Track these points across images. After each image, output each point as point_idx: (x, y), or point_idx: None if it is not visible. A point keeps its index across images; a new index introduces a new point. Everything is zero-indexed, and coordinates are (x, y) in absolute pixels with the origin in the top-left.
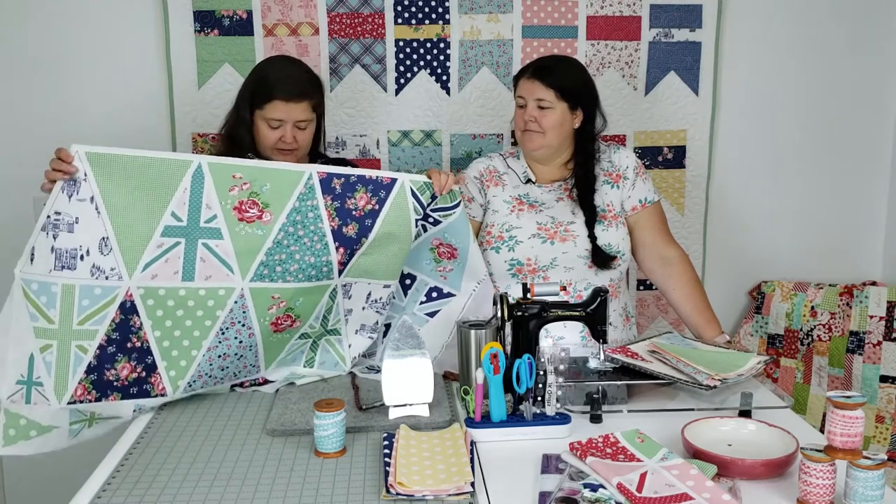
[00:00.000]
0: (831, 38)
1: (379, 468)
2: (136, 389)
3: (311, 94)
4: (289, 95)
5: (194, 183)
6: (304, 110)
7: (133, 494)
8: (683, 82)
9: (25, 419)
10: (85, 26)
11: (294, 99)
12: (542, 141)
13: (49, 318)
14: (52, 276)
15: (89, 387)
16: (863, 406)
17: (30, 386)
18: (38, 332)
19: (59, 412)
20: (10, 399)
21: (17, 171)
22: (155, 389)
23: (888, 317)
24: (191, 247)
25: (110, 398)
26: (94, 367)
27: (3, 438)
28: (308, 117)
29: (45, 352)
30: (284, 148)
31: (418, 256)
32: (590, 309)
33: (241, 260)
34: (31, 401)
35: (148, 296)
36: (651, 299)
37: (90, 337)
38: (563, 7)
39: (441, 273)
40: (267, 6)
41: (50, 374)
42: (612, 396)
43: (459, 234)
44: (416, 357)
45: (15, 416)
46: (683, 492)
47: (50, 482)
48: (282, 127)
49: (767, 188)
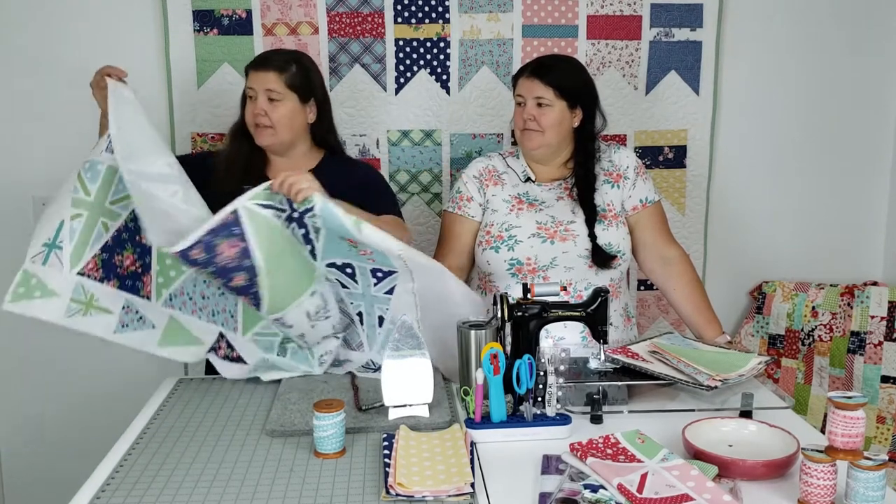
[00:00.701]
0: (832, 37)
1: (379, 469)
2: (129, 283)
3: (282, 67)
4: (258, 65)
5: None
6: (274, 80)
7: (133, 494)
8: (684, 82)
9: (36, 279)
10: (84, 26)
11: (262, 68)
12: (540, 140)
13: (87, 191)
14: (102, 156)
15: (99, 263)
16: (864, 406)
17: (51, 248)
18: (75, 202)
19: (66, 280)
20: (32, 259)
21: (18, 171)
22: (143, 290)
23: (889, 317)
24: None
25: (111, 283)
26: (108, 247)
27: (12, 294)
28: (278, 89)
29: (75, 220)
30: (260, 123)
31: (337, 249)
32: (590, 309)
33: None
34: (47, 262)
35: None
36: (652, 299)
37: (114, 218)
38: (563, 6)
39: (367, 256)
40: (266, 5)
41: (71, 241)
42: (613, 397)
43: (340, 228)
44: (416, 357)
45: (27, 276)
46: (684, 492)
47: (50, 482)
48: (256, 98)
49: (768, 188)
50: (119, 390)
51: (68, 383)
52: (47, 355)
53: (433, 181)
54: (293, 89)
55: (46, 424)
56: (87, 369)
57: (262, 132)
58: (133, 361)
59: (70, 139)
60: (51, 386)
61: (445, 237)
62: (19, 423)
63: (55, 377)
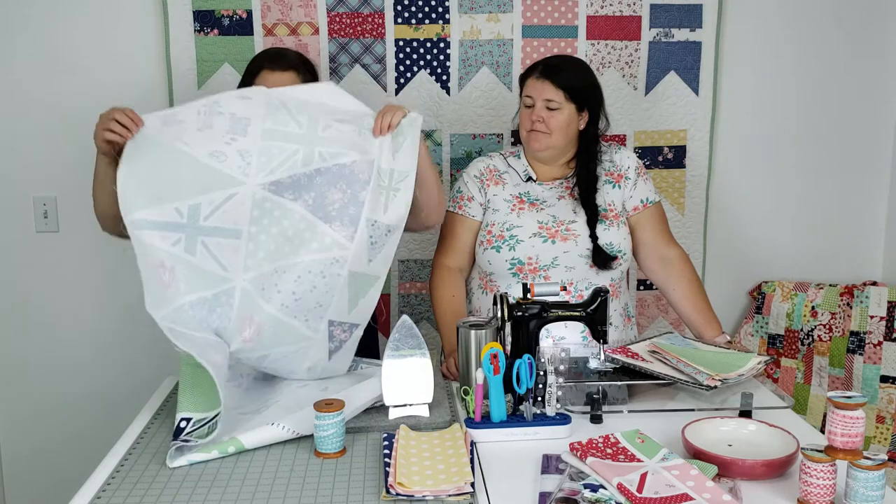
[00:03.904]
0: (831, 38)
1: (379, 468)
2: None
3: (298, 69)
4: (274, 65)
5: None
6: (291, 80)
7: (133, 494)
8: (683, 82)
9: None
10: (85, 26)
11: (280, 68)
12: (548, 142)
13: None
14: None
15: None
16: (863, 406)
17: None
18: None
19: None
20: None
21: (18, 171)
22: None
23: (889, 317)
24: None
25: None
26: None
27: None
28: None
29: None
30: None
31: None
32: (590, 309)
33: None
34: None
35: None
36: (651, 299)
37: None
38: (563, 7)
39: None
40: (267, 6)
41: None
42: (613, 397)
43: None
44: (416, 357)
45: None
46: (684, 492)
47: (50, 482)
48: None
49: (768, 188)
50: (119, 390)
51: (68, 383)
52: (47, 355)
53: None
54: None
55: (46, 424)
56: (87, 369)
57: None
58: (133, 361)
59: (70, 139)
60: (51, 386)
61: (446, 237)
62: (19, 423)
63: (55, 377)
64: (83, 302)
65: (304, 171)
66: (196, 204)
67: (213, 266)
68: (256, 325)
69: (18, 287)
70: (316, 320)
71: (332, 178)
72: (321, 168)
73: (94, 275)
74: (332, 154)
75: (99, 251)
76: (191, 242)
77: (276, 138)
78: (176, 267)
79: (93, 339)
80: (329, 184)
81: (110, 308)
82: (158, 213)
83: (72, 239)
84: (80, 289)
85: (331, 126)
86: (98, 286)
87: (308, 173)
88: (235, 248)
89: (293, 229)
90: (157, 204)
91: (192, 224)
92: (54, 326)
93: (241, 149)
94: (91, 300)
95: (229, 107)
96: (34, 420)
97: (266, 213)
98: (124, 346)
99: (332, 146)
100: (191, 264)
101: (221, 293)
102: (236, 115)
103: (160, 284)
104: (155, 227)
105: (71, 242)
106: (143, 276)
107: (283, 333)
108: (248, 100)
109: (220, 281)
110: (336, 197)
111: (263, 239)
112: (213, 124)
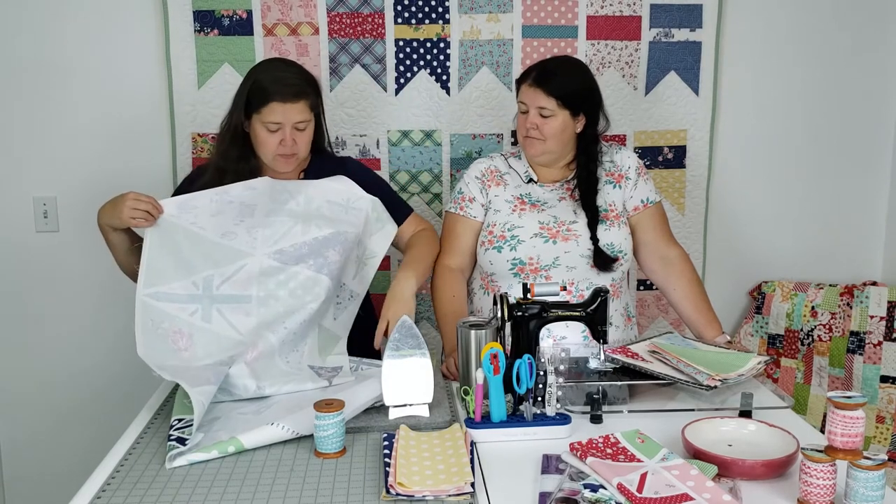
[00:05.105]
0: (832, 38)
1: (379, 468)
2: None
3: (307, 94)
4: (285, 96)
5: None
6: (301, 111)
7: (133, 494)
8: (683, 82)
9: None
10: (85, 26)
11: (290, 99)
12: (543, 147)
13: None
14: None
15: None
16: (863, 406)
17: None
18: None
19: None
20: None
21: (18, 172)
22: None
23: (888, 317)
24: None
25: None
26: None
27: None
28: (306, 118)
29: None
30: (285, 153)
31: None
32: (590, 309)
33: None
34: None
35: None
36: (651, 299)
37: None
38: (563, 7)
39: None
40: (267, 6)
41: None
42: (613, 397)
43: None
44: (416, 357)
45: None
46: (684, 492)
47: (50, 482)
48: (280, 130)
49: (768, 188)
50: (119, 390)
51: (68, 383)
52: (47, 355)
53: (433, 181)
54: (313, 109)
55: (46, 424)
56: (87, 369)
57: (289, 161)
58: (133, 361)
59: (70, 139)
60: (51, 385)
61: (447, 237)
62: (19, 423)
63: (55, 377)
64: (83, 302)
65: (303, 239)
66: (209, 276)
67: (228, 331)
68: (258, 350)
69: (18, 287)
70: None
71: (329, 243)
72: (318, 237)
73: (93, 274)
74: (327, 223)
75: (99, 251)
76: (206, 311)
77: (278, 214)
78: (194, 334)
79: (93, 339)
80: (327, 246)
81: (110, 308)
82: (179, 286)
83: (72, 239)
84: (80, 288)
85: (322, 206)
86: (98, 286)
87: (308, 241)
88: (247, 311)
89: (301, 288)
90: (177, 280)
91: (207, 294)
92: (54, 326)
93: (248, 227)
94: (91, 300)
95: (238, 196)
96: (34, 420)
97: (272, 278)
98: (124, 346)
99: (326, 220)
100: (207, 331)
101: (237, 355)
102: (245, 202)
103: (171, 346)
104: (175, 301)
105: (71, 242)
106: (141, 328)
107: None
108: (254, 189)
109: (235, 344)
110: (335, 258)
111: (272, 303)
112: (223, 211)
